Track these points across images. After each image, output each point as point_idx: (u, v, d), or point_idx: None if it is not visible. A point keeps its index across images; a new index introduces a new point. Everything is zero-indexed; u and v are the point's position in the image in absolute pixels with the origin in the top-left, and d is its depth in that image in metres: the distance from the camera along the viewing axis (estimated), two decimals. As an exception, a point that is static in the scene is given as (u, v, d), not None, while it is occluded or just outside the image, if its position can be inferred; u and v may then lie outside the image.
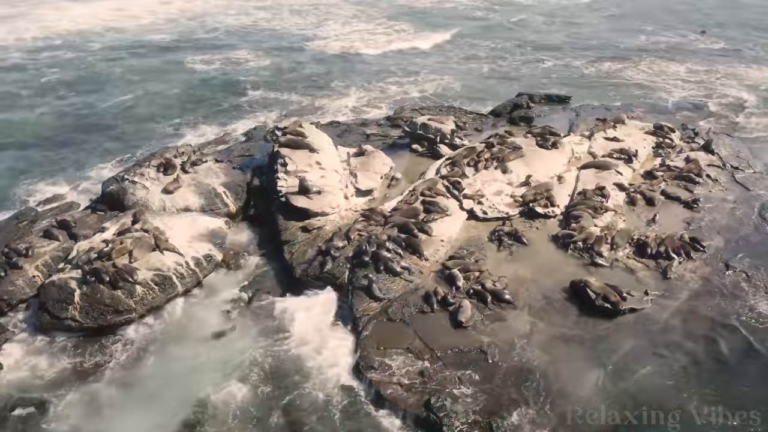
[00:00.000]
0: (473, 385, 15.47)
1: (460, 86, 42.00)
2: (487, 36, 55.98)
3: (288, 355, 16.89)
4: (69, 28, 60.66)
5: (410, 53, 50.46)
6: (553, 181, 23.95)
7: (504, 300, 18.20)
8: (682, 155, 26.24)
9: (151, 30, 60.02)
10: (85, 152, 31.47)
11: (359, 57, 49.30)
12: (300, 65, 47.37)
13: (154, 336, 17.72)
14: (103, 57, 50.43)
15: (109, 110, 37.93)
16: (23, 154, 31.03)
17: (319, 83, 42.77)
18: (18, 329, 17.93)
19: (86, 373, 16.40)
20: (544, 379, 15.69)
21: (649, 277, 19.38)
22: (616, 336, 17.12)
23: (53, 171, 28.87)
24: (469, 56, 49.47)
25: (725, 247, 20.75)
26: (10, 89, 42.49)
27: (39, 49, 53.64)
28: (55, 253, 20.03)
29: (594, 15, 65.83)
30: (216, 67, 47.10)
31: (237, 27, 61.35)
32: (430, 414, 14.62)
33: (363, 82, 42.80)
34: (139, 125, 35.70)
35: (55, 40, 57.13)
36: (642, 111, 33.09)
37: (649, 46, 51.66)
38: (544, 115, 32.99)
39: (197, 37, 56.84)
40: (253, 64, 47.64)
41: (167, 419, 14.95)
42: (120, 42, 55.09)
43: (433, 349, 16.46)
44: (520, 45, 52.44)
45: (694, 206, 22.75)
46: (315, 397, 15.62)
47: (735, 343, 16.79)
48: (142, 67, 47.41)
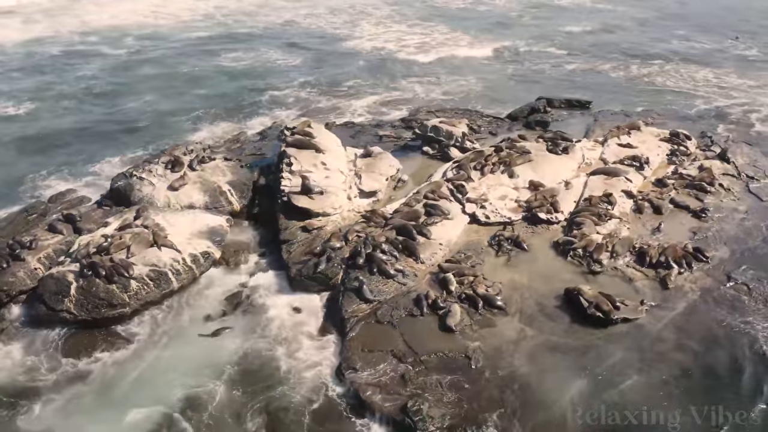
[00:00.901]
0: (453, 391, 15.37)
1: (482, 87, 41.83)
2: (517, 37, 55.53)
3: (272, 356, 17.01)
4: (107, 23, 61.98)
5: (442, 54, 50.21)
6: (560, 187, 23.69)
7: (495, 306, 18.06)
8: (696, 163, 25.69)
9: (186, 27, 60.93)
10: (103, 147, 32.00)
11: (388, 57, 49.39)
12: (328, 64, 47.65)
13: (143, 333, 17.95)
14: (136, 53, 51.45)
15: (133, 106, 38.62)
16: (43, 147, 31.72)
17: (345, 83, 42.94)
18: (14, 320, 18.27)
19: (69, 370, 16.68)
20: (525, 387, 15.54)
21: (648, 286, 19.04)
22: (605, 346, 16.85)
23: (70, 165, 29.44)
24: (494, 57, 49.17)
25: (730, 258, 20.28)
26: (41, 83, 43.58)
27: (74, 44, 55.01)
28: (58, 246, 20.45)
29: (626, 19, 64.68)
30: (245, 64, 47.63)
31: (271, 25, 61.94)
32: (405, 418, 14.55)
33: (388, 82, 42.89)
34: (161, 121, 36.25)
35: (91, 35, 58.43)
36: (663, 117, 32.45)
37: (680, 51, 50.67)
38: (562, 119, 32.64)
39: (231, 35, 57.51)
40: (282, 63, 48.09)
41: (142, 419, 15.10)
42: (154, 39, 56.06)
43: (417, 353, 16.41)
44: (549, 46, 51.86)
45: (703, 216, 22.28)
46: (293, 397, 15.69)
47: (726, 357, 16.38)
48: (172, 63, 48.20)
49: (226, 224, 21.91)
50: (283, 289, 19.75)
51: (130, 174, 23.93)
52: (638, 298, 18.39)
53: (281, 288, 19.80)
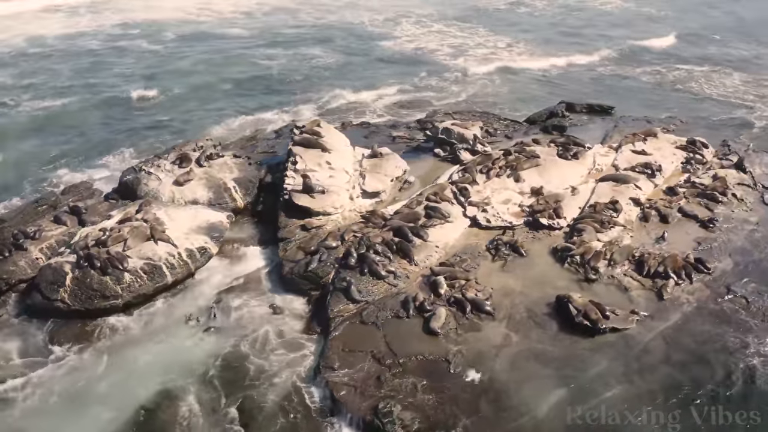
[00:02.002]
0: (428, 394, 15.29)
1: (507, 90, 41.50)
2: (552, 40, 54.87)
3: (252, 354, 17.13)
4: (149, 18, 63.26)
5: (479, 57, 49.92)
6: (565, 193, 23.34)
7: (484, 310, 17.89)
8: (711, 172, 25.05)
9: (227, 24, 61.85)
10: (124, 141, 32.74)
11: (421, 59, 49.30)
12: (361, 63, 47.87)
13: (132, 326, 18.27)
14: (172, 48, 52.39)
15: (160, 101, 39.30)
16: (66, 141, 32.58)
17: (373, 82, 43.08)
18: (11, 308, 18.75)
19: (56, 359, 17.06)
20: (502, 393, 15.37)
21: (643, 296, 18.66)
22: (590, 355, 16.57)
23: (89, 158, 30.21)
24: (521, 58, 48.74)
25: (733, 270, 19.74)
26: (75, 76, 44.80)
27: (115, 39, 56.37)
28: (61, 237, 20.92)
29: (664, 24, 63.41)
30: (278, 62, 48.11)
31: (311, 23, 62.41)
32: (375, 419, 14.51)
33: (417, 83, 42.87)
34: (184, 117, 36.96)
35: (133, 29, 59.75)
36: (687, 124, 31.71)
37: (716, 58, 49.46)
38: (581, 124, 32.15)
39: (270, 33, 58.09)
40: (315, 61, 48.37)
41: (116, 413, 15.36)
42: (193, 34, 57.12)
43: (396, 355, 16.35)
44: (582, 48, 51.19)
45: (710, 226, 21.73)
46: (269, 396, 15.80)
47: (712, 372, 15.93)
48: (206, 59, 49.01)
49: (227, 221, 22.12)
50: (276, 287, 19.85)
51: (139, 168, 24.36)
52: (633, 308, 17.99)
53: (274, 286, 19.91)
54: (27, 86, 43.47)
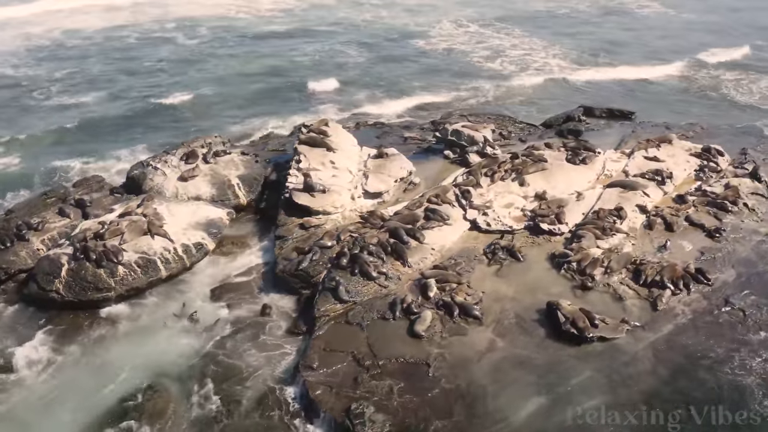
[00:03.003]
0: (404, 397, 15.18)
1: (532, 92, 41.07)
2: (582, 43, 54.08)
3: (237, 351, 17.31)
4: (188, 14, 64.20)
5: (513, 59, 49.46)
6: (570, 198, 22.97)
7: (471, 315, 17.71)
8: (724, 181, 24.40)
9: (264, 21, 62.49)
10: (142, 135, 33.47)
11: (453, 58, 49.04)
12: (392, 63, 47.92)
13: (118, 321, 18.59)
14: (206, 44, 53.16)
15: (185, 98, 39.89)
16: (87, 134, 33.27)
17: (399, 83, 43.10)
18: (8, 297, 19.17)
19: (46, 349, 17.40)
20: (478, 399, 15.18)
21: (637, 306, 18.23)
22: (574, 364, 16.26)
23: (106, 152, 30.77)
24: (555, 62, 48.15)
25: (734, 281, 19.17)
26: (108, 70, 45.72)
27: (152, 32, 57.37)
28: (63, 229, 21.34)
29: (699, 28, 61.96)
30: (309, 60, 48.49)
31: (348, 22, 62.61)
32: (346, 420, 14.46)
33: (444, 83, 42.61)
34: (206, 113, 37.48)
35: (169, 23, 60.68)
36: (707, 131, 30.90)
37: (750, 62, 48.19)
38: (598, 129, 31.66)
39: (306, 31, 58.62)
40: (347, 60, 48.55)
41: (90, 410, 15.55)
42: (228, 30, 57.95)
43: (376, 356, 16.28)
44: (608, 54, 50.39)
45: (716, 235, 21.16)
46: (247, 393, 15.92)
47: (698, 386, 15.46)
48: (237, 55, 49.83)
49: (227, 217, 22.30)
50: (268, 285, 19.95)
51: (146, 163, 24.71)
52: (625, 317, 17.62)
53: (266, 284, 20.03)
54: (58, 80, 44.65)
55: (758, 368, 15.75)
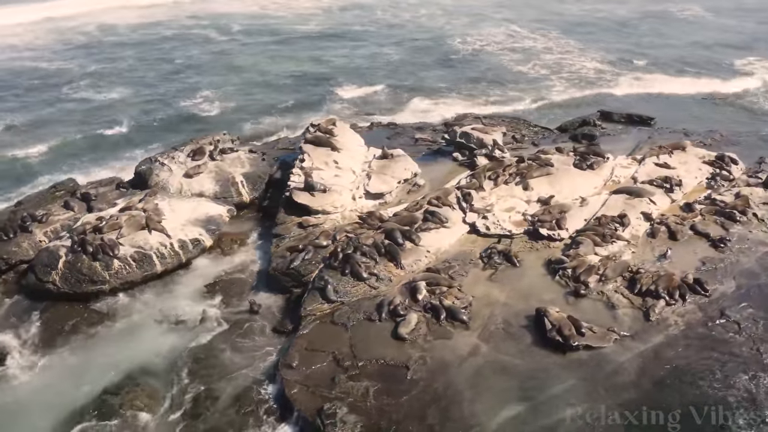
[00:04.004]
0: (379, 399, 15.11)
1: (558, 96, 40.62)
2: (616, 47, 53.20)
3: (221, 349, 17.42)
4: (225, 11, 65.00)
5: (548, 62, 48.97)
6: (573, 204, 22.65)
7: (458, 318, 17.56)
8: (735, 190, 23.82)
9: (300, 19, 62.92)
10: (162, 134, 33.70)
11: (484, 61, 48.74)
12: (424, 65, 48.04)
13: (109, 314, 18.87)
14: (239, 42, 54.22)
15: (207, 94, 40.48)
16: (110, 130, 33.84)
17: (425, 84, 42.90)
18: (7, 288, 19.58)
19: (23, 347, 17.70)
20: (454, 404, 15.00)
21: (630, 315, 17.84)
22: (557, 371, 15.97)
23: (122, 150, 31.16)
24: (581, 65, 47.53)
25: (733, 293, 18.62)
26: (139, 66, 46.60)
27: (186, 28, 58.29)
28: (67, 222, 21.77)
29: (731, 34, 60.48)
30: (340, 62, 48.66)
31: (385, 22, 62.67)
32: (317, 419, 14.46)
33: (472, 85, 42.39)
34: (226, 111, 37.68)
35: (204, 20, 61.55)
36: (726, 139, 30.21)
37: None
38: (614, 134, 31.16)
39: (341, 31, 59.07)
40: (377, 62, 48.53)
41: (71, 403, 15.81)
42: (264, 28, 58.56)
43: (357, 357, 16.23)
44: (637, 59, 49.54)
45: (721, 245, 20.64)
46: (226, 389, 16.01)
47: (680, 400, 14.99)
48: (268, 54, 50.37)
49: (227, 214, 22.49)
50: (261, 282, 20.08)
51: (154, 159, 25.04)
52: (616, 326, 17.31)
53: (259, 281, 20.16)
54: (88, 74, 45.70)
55: (744, 384, 15.24)
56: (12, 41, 56.00)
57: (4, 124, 34.57)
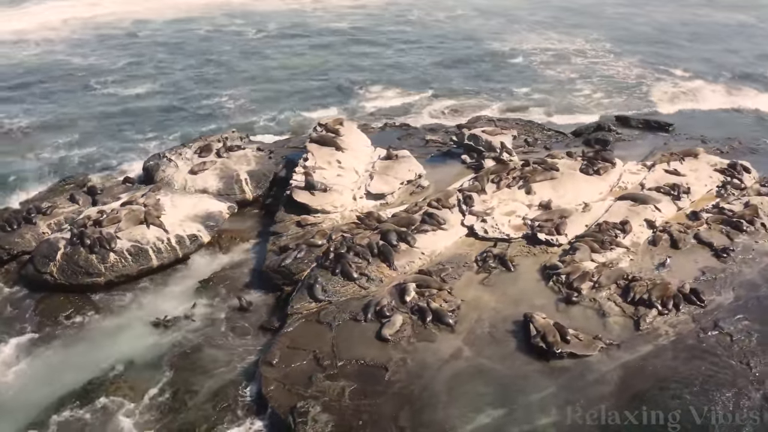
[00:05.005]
0: (354, 399, 15.10)
1: (584, 99, 40.12)
2: (651, 50, 52.13)
3: (207, 345, 17.59)
4: (261, 8, 65.57)
5: (574, 65, 48.41)
6: (574, 209, 22.35)
7: (444, 321, 17.46)
8: (744, 198, 23.26)
9: (337, 17, 63.01)
10: (182, 130, 34.04)
11: (514, 64, 48.21)
12: (454, 66, 47.28)
13: (100, 307, 19.20)
14: (272, 39, 54.80)
15: (231, 92, 40.72)
16: (130, 126, 34.42)
17: (453, 85, 42.69)
18: (7, 278, 20.05)
19: (15, 336, 18.10)
20: (429, 407, 14.93)
21: (620, 324, 17.53)
22: (538, 378, 15.77)
23: (142, 143, 31.62)
24: (612, 70, 46.75)
25: (730, 304, 18.15)
26: (168, 62, 47.57)
27: (221, 25, 59.37)
28: (71, 215, 22.21)
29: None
30: (373, 60, 48.43)
31: (421, 22, 62.41)
32: (289, 417, 14.52)
33: (499, 88, 42.09)
34: (250, 109, 37.93)
35: (238, 18, 62.21)
36: (743, 147, 29.49)
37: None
38: (629, 139, 30.70)
39: (377, 29, 58.55)
40: (405, 62, 48.27)
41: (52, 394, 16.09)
42: (298, 26, 59.00)
43: (336, 357, 16.25)
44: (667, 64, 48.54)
45: (723, 255, 20.17)
46: (205, 384, 16.16)
47: (660, 415, 14.61)
48: (299, 52, 50.49)
49: (227, 211, 22.69)
50: (254, 280, 20.22)
51: (162, 155, 25.38)
52: (605, 334, 17.05)
53: (252, 279, 20.32)
54: (117, 70, 46.38)
55: (726, 401, 14.76)
56: (49, 35, 56.96)
57: (29, 119, 35.25)
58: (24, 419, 15.24)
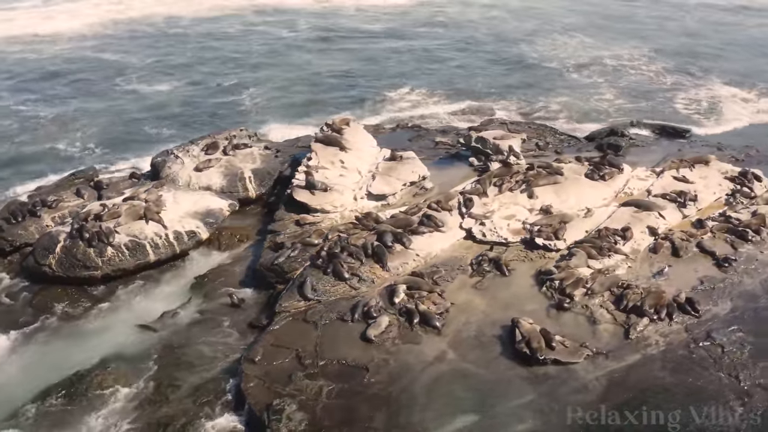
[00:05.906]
0: (330, 399, 15.10)
1: (607, 105, 39.65)
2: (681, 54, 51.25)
3: (194, 342, 17.72)
4: (291, 6, 65.84)
5: (602, 68, 47.84)
6: (576, 214, 22.09)
7: (430, 324, 17.39)
8: (753, 207, 22.76)
9: (369, 18, 62.87)
10: (200, 128, 34.38)
11: (543, 67, 47.69)
12: (481, 69, 46.86)
13: (93, 300, 19.53)
14: (301, 39, 54.67)
15: (253, 91, 40.99)
16: (148, 123, 34.89)
17: (478, 88, 42.33)
18: (8, 269, 20.50)
19: (8, 327, 18.48)
20: (405, 409, 14.86)
21: (610, 332, 17.25)
22: (520, 385, 15.58)
23: (158, 142, 32.02)
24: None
25: (725, 315, 17.73)
26: (195, 60, 47.95)
27: (252, 24, 59.68)
28: (75, 209, 22.60)
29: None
30: (399, 61, 48.22)
31: (453, 22, 62.05)
32: (264, 414, 14.60)
33: (522, 92, 41.72)
34: (269, 109, 38.16)
35: (271, 15, 62.47)
36: (760, 154, 28.84)
37: None
38: (643, 145, 30.20)
39: (408, 30, 58.26)
40: (433, 64, 48.02)
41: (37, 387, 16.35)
42: (328, 25, 58.88)
43: (318, 356, 16.28)
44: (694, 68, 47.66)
45: (725, 265, 19.76)
46: (188, 380, 16.32)
47: (636, 426, 14.41)
48: (326, 52, 50.36)
49: (227, 209, 22.87)
50: (248, 277, 20.37)
51: (169, 152, 25.69)
52: (593, 342, 16.82)
53: (246, 276, 20.45)
54: (143, 67, 47.02)
55: (708, 416, 14.37)
56: (82, 31, 57.93)
57: (50, 111, 35.99)
58: (5, 410, 15.49)
